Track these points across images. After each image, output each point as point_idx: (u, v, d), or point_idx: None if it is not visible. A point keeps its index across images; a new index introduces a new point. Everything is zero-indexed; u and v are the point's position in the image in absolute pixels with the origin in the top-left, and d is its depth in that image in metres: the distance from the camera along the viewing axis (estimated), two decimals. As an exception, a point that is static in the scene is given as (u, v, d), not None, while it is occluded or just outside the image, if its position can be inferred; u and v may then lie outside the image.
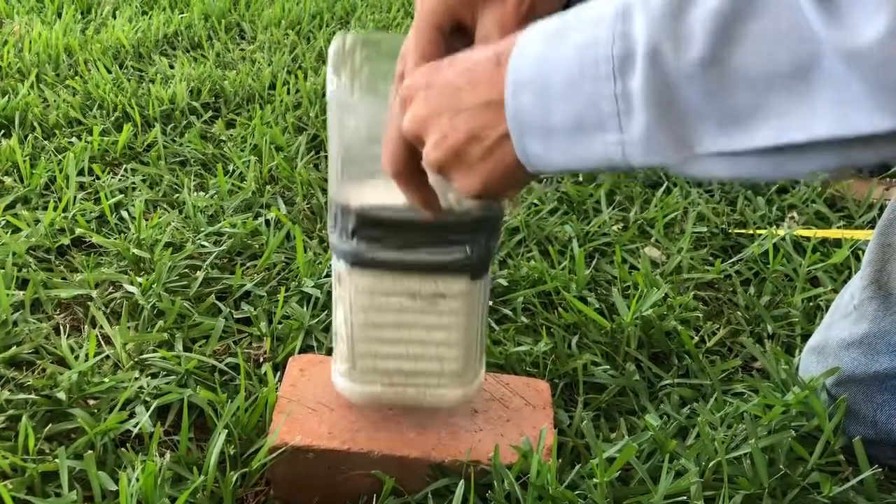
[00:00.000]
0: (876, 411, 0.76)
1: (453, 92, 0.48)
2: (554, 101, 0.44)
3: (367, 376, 0.68)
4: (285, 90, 1.47)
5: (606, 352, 0.89)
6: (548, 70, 0.44)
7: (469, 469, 0.68)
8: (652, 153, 0.42)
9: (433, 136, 0.50)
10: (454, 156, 0.49)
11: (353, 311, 0.66)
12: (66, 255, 0.98)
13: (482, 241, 0.63)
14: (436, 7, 0.56)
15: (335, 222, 0.63)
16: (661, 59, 0.40)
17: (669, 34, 0.40)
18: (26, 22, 1.69)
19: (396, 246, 0.62)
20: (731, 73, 0.39)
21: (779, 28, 0.38)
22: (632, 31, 0.41)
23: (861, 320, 0.77)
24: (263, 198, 1.13)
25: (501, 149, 0.47)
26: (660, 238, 1.13)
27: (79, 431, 0.72)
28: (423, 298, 0.65)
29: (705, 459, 0.72)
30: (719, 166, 0.42)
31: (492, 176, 0.49)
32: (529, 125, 0.46)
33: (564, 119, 0.44)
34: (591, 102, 0.43)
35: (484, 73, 0.47)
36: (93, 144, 1.22)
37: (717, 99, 0.40)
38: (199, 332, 0.86)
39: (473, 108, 0.47)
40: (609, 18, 0.42)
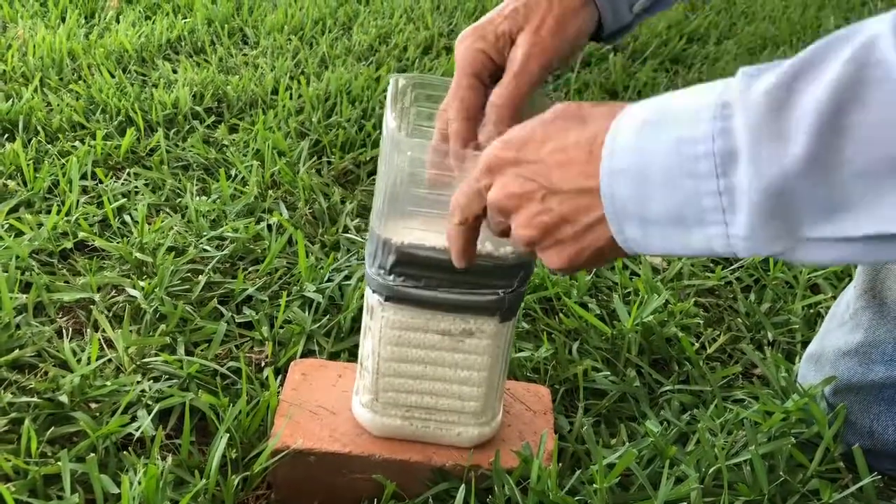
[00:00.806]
0: (872, 422, 0.76)
1: (547, 173, 0.49)
2: (652, 193, 0.44)
3: (389, 409, 0.69)
4: (288, 95, 1.47)
5: (607, 358, 0.89)
6: (645, 162, 0.44)
7: (470, 473, 0.68)
8: (757, 246, 0.42)
9: (524, 214, 0.50)
10: (546, 234, 0.50)
11: (382, 344, 0.67)
12: (69, 259, 0.99)
13: (514, 286, 0.65)
14: (472, 56, 0.58)
15: (375, 256, 0.65)
16: (764, 156, 0.40)
17: (772, 132, 0.40)
18: (30, 26, 1.70)
19: (431, 285, 0.64)
20: (836, 166, 0.39)
21: (883, 120, 0.38)
22: (732, 129, 0.41)
23: (856, 329, 0.77)
24: (265, 203, 1.13)
25: (596, 230, 0.48)
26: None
27: (81, 434, 0.72)
28: (452, 337, 0.66)
29: (705, 465, 0.72)
30: (825, 252, 0.42)
31: (581, 255, 0.49)
32: (627, 213, 0.46)
33: (663, 211, 0.44)
34: (691, 197, 0.43)
35: (578, 157, 0.47)
36: (96, 148, 1.22)
37: (825, 192, 0.40)
38: (200, 336, 0.86)
39: (568, 191, 0.48)
40: (708, 113, 0.42)
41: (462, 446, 0.70)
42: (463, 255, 0.58)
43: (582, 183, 0.47)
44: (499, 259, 0.63)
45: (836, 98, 0.39)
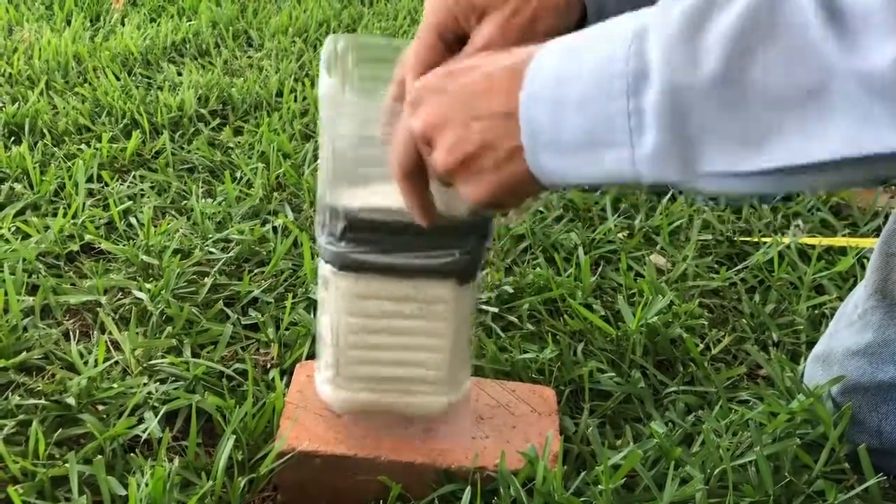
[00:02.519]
0: (881, 421, 0.76)
1: (468, 98, 0.48)
2: (567, 117, 0.44)
3: (352, 383, 0.67)
4: (292, 97, 1.48)
5: (612, 359, 0.89)
6: (562, 86, 0.44)
7: (475, 475, 0.68)
8: (662, 170, 0.43)
9: (444, 141, 0.50)
10: (464, 163, 0.49)
11: (339, 316, 0.65)
12: (76, 262, 0.99)
13: (470, 247, 0.63)
14: (438, 14, 0.56)
15: (323, 224, 0.63)
16: (675, 77, 0.41)
17: (684, 53, 0.40)
18: (36, 29, 1.71)
19: (384, 249, 0.62)
20: (744, 92, 0.39)
21: (792, 49, 0.38)
22: (646, 50, 0.42)
23: (865, 329, 0.77)
24: (271, 205, 1.14)
25: (514, 160, 0.47)
26: (665, 246, 1.13)
27: (88, 437, 0.72)
28: (410, 303, 0.64)
29: (710, 466, 0.72)
30: (729, 183, 0.42)
31: (501, 186, 0.49)
32: (543, 139, 0.46)
33: (577, 134, 0.44)
34: (603, 119, 0.43)
35: (500, 82, 0.47)
36: (102, 151, 1.22)
37: (729, 118, 0.40)
38: (207, 338, 0.86)
39: (488, 117, 0.47)
40: (625, 37, 0.43)
41: (430, 415, 0.68)
42: (419, 211, 0.57)
43: (503, 108, 0.47)
44: (451, 218, 0.60)
45: (749, 24, 0.39)
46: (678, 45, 0.41)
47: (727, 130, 0.41)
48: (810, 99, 0.38)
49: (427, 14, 0.57)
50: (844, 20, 0.37)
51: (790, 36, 0.38)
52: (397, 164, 0.55)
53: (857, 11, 0.37)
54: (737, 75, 0.39)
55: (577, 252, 1.07)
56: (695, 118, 0.41)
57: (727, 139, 0.41)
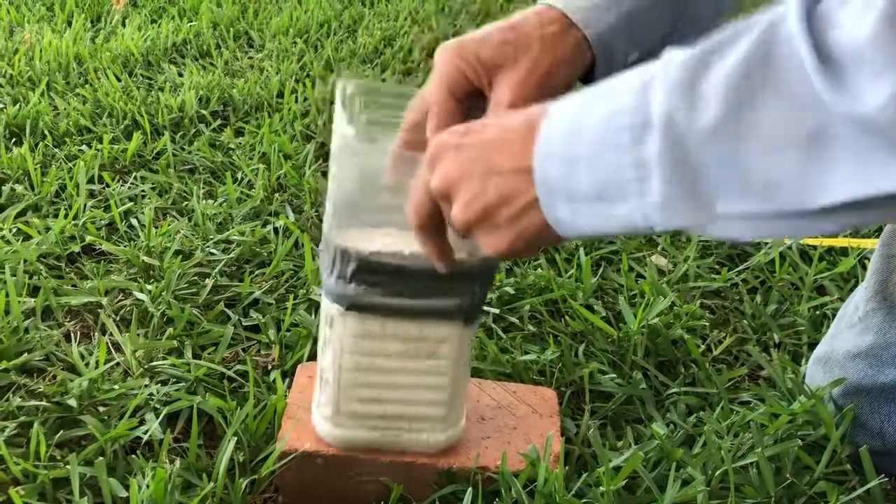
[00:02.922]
0: (883, 422, 0.76)
1: (485, 155, 0.49)
2: (579, 171, 0.45)
3: (351, 421, 0.68)
4: (293, 98, 1.48)
5: (613, 360, 0.89)
6: (573, 141, 0.45)
7: (476, 476, 0.68)
8: (672, 218, 0.43)
9: (462, 197, 0.51)
10: (483, 217, 0.50)
11: (344, 355, 0.66)
12: (77, 263, 0.99)
13: (477, 291, 0.65)
14: (451, 72, 0.57)
15: (332, 265, 0.64)
16: (675, 125, 0.41)
17: (684, 100, 0.41)
18: (37, 31, 1.71)
19: (392, 292, 0.63)
20: (744, 137, 0.40)
21: (788, 95, 0.39)
22: (650, 100, 0.42)
23: (866, 331, 0.77)
24: (272, 206, 1.14)
25: (531, 213, 0.48)
26: (666, 246, 1.13)
27: (89, 438, 0.72)
28: (415, 343, 0.65)
29: (712, 468, 0.72)
30: (740, 228, 0.43)
31: (519, 238, 0.50)
32: (556, 192, 0.47)
33: (589, 188, 0.45)
34: (613, 171, 0.44)
35: (516, 139, 0.48)
36: (103, 152, 1.22)
37: (731, 163, 0.41)
38: (208, 339, 0.86)
39: (505, 172, 0.49)
40: (631, 90, 0.43)
41: (428, 452, 0.69)
42: (438, 259, 0.58)
43: (518, 163, 0.48)
44: (461, 264, 0.62)
45: (746, 71, 0.39)
46: (678, 93, 0.41)
47: (732, 176, 0.41)
48: (809, 144, 0.39)
49: (439, 73, 0.58)
50: (836, 63, 0.37)
51: (785, 82, 0.39)
52: (415, 216, 0.56)
53: (846, 53, 0.37)
54: (735, 122, 0.40)
55: (578, 253, 1.07)
56: (698, 164, 0.41)
57: (732, 183, 0.41)
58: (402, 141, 0.60)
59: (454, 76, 0.57)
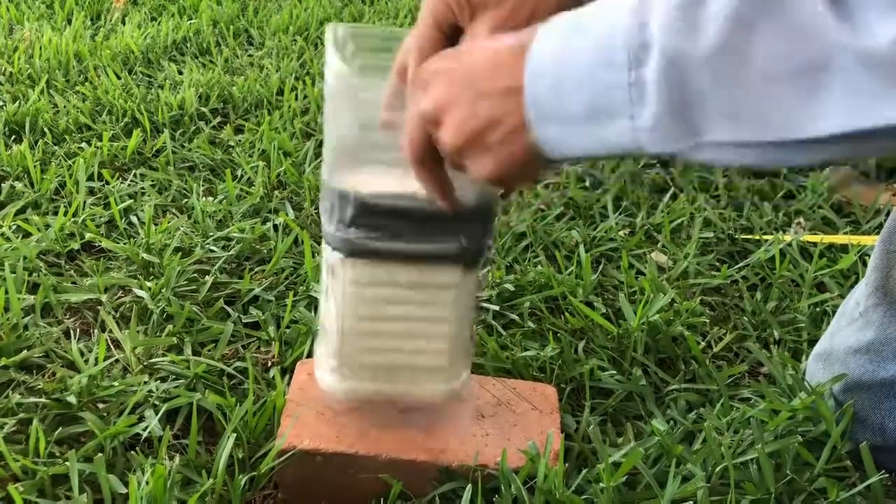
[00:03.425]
0: (884, 418, 0.76)
1: (473, 78, 0.49)
2: (570, 90, 0.45)
3: (355, 372, 0.68)
4: (293, 96, 1.48)
5: (613, 357, 0.89)
6: (565, 59, 0.45)
7: (476, 473, 0.68)
8: (662, 140, 0.43)
9: (452, 120, 0.50)
10: (472, 140, 0.50)
11: (346, 303, 0.65)
12: (76, 260, 0.99)
13: (477, 233, 0.64)
14: (438, 6, 0.57)
15: (331, 211, 0.63)
16: (675, 47, 0.41)
17: (686, 23, 0.41)
18: (36, 28, 1.71)
19: (393, 236, 0.62)
20: (744, 64, 0.40)
21: (793, 25, 0.39)
22: (648, 21, 0.42)
23: (867, 327, 0.77)
24: (271, 203, 1.13)
25: (519, 134, 0.48)
26: (666, 243, 1.13)
27: (89, 435, 0.72)
28: (416, 290, 0.65)
29: (712, 464, 0.72)
30: (727, 154, 0.43)
31: (509, 161, 0.50)
32: (546, 113, 0.46)
33: (579, 107, 0.45)
34: (605, 91, 0.44)
35: (505, 60, 0.48)
36: (102, 150, 1.22)
37: (728, 89, 0.41)
38: (207, 336, 0.86)
39: (493, 94, 0.48)
40: (627, 10, 0.43)
41: (432, 401, 0.69)
42: (439, 194, 0.57)
43: (508, 83, 0.48)
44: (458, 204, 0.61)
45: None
46: (679, 15, 0.41)
47: (727, 101, 0.41)
48: (809, 74, 0.39)
49: (427, 7, 0.58)
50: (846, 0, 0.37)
51: (791, 11, 0.39)
52: (410, 149, 0.55)
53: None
54: (737, 47, 0.40)
55: (578, 250, 1.07)
56: (694, 88, 0.41)
57: (726, 110, 0.41)
58: (393, 83, 0.60)
59: (441, 9, 0.57)
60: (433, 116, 0.52)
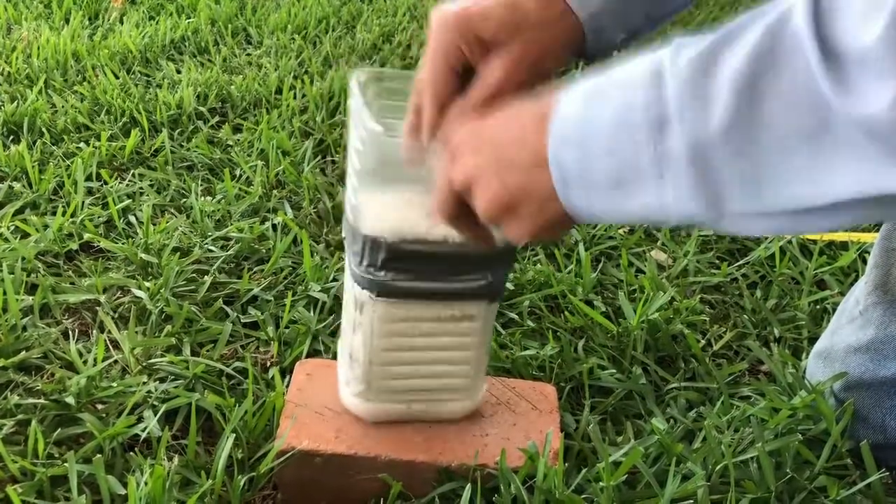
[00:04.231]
0: (885, 416, 0.76)
1: (500, 150, 0.51)
2: (594, 162, 0.46)
3: (382, 396, 0.70)
4: (292, 95, 1.47)
5: (613, 355, 0.89)
6: (587, 134, 0.46)
7: (476, 473, 0.68)
8: (687, 212, 0.44)
9: (483, 194, 0.52)
10: (505, 210, 0.51)
11: (374, 337, 0.67)
12: (75, 260, 0.99)
13: (501, 270, 0.67)
14: (449, 46, 0.57)
15: (361, 255, 0.65)
16: (691, 126, 0.42)
17: (695, 100, 0.41)
18: (34, 28, 1.70)
19: (423, 276, 0.65)
20: (756, 135, 0.40)
21: (794, 91, 0.39)
22: (663, 98, 0.43)
23: (867, 325, 0.77)
24: (270, 202, 1.13)
25: (549, 203, 0.49)
26: (666, 241, 1.13)
27: (87, 436, 0.72)
28: (443, 322, 0.67)
29: (712, 463, 0.72)
30: (754, 224, 0.43)
31: (541, 226, 0.51)
32: (572, 182, 0.47)
33: (605, 176, 0.46)
34: (629, 164, 0.45)
35: (529, 133, 0.49)
36: (101, 150, 1.22)
37: (743, 160, 0.41)
38: (206, 336, 0.86)
39: (521, 167, 0.49)
40: (643, 81, 0.44)
41: (453, 418, 0.72)
42: (477, 242, 0.59)
43: (533, 157, 0.49)
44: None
45: (753, 67, 0.40)
46: (690, 90, 0.42)
47: (745, 174, 0.42)
48: (813, 142, 0.39)
49: (434, 41, 0.58)
50: (841, 63, 0.37)
51: (791, 79, 0.39)
52: (441, 211, 0.57)
53: (852, 54, 0.37)
54: (748, 119, 0.40)
55: (577, 248, 1.07)
56: (714, 161, 0.42)
57: (746, 182, 0.42)
58: (409, 124, 0.60)
59: (453, 50, 0.57)
60: (465, 187, 0.53)
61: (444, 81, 0.57)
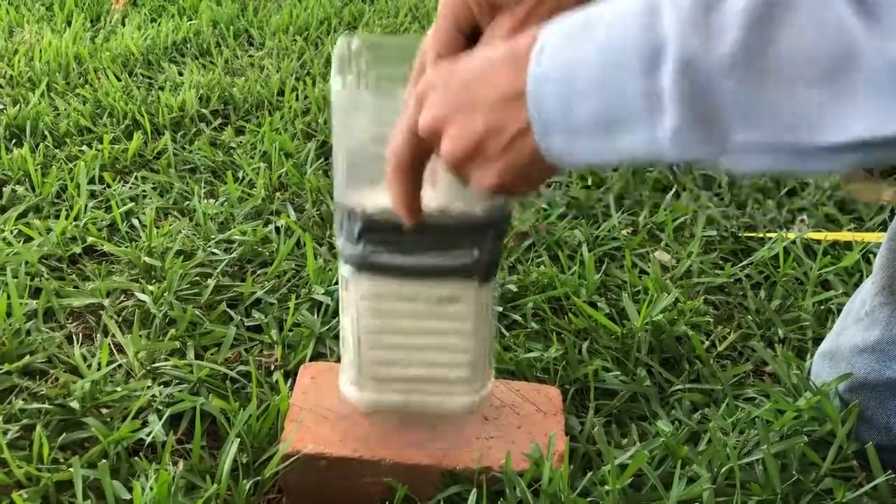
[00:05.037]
0: (889, 417, 0.76)
1: (471, 87, 0.48)
2: (578, 98, 0.43)
3: (375, 384, 0.68)
4: (294, 96, 1.47)
5: (617, 357, 0.89)
6: (572, 66, 0.43)
7: (481, 476, 0.68)
8: (684, 148, 0.42)
9: (451, 132, 0.49)
10: (472, 149, 0.49)
11: (360, 317, 0.65)
12: (78, 264, 0.99)
13: (489, 245, 0.63)
14: (456, 7, 0.56)
15: (342, 226, 0.63)
16: (691, 54, 0.39)
17: (700, 28, 0.39)
18: (36, 31, 1.70)
19: (403, 250, 0.62)
20: (765, 68, 0.38)
21: (816, 24, 0.37)
22: (661, 27, 0.40)
23: (873, 326, 0.76)
24: (273, 205, 1.13)
25: (521, 142, 0.47)
26: (669, 242, 1.13)
27: (92, 440, 0.72)
28: (431, 303, 0.64)
29: (717, 465, 0.72)
30: (753, 160, 0.41)
31: (510, 169, 0.48)
32: (553, 121, 0.45)
33: (589, 116, 0.43)
34: (618, 100, 0.42)
35: (503, 67, 0.47)
36: (103, 153, 1.22)
37: (750, 94, 0.39)
38: (210, 339, 0.86)
39: (492, 102, 0.47)
40: (636, 14, 0.41)
41: (454, 413, 0.69)
42: (404, 208, 0.56)
43: (508, 89, 0.46)
44: (468, 216, 0.61)
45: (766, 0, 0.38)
46: (693, 19, 0.39)
47: (749, 106, 0.39)
48: (835, 77, 0.37)
49: (445, 7, 0.56)
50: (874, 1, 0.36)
51: (814, 10, 0.37)
52: (393, 156, 0.54)
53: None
54: (756, 50, 0.38)
55: (581, 249, 1.07)
56: (715, 95, 0.39)
57: (750, 115, 0.39)
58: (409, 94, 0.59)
59: (461, 10, 0.56)
60: (431, 130, 0.51)
61: (449, 41, 0.55)
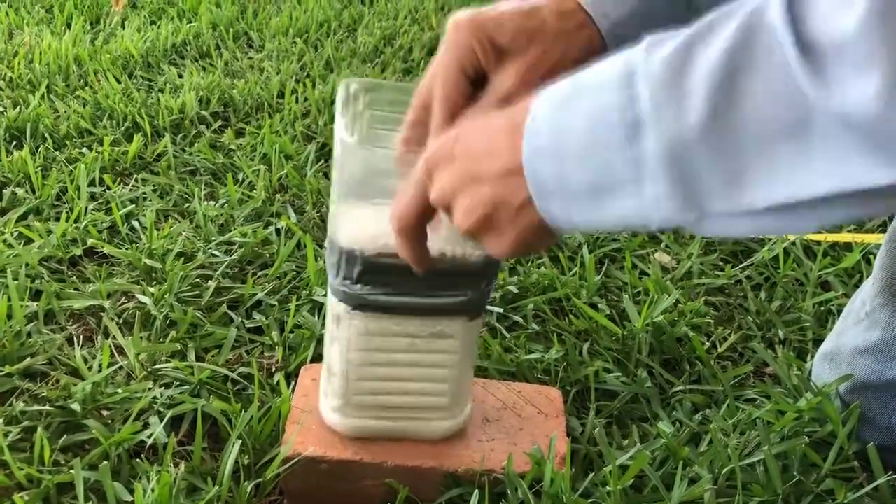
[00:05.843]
0: (891, 418, 0.76)
1: (476, 160, 0.50)
2: (569, 169, 0.45)
3: (360, 411, 0.69)
4: (294, 99, 1.47)
5: (618, 358, 0.89)
6: (561, 139, 0.45)
7: (482, 478, 0.68)
8: (668, 215, 0.43)
9: (460, 206, 0.51)
10: (482, 224, 0.51)
11: (351, 351, 0.66)
12: (79, 266, 0.99)
13: (482, 286, 0.65)
14: (464, 51, 0.57)
15: (338, 266, 0.64)
16: (666, 126, 0.41)
17: (670, 98, 0.40)
18: (36, 33, 1.70)
19: (399, 291, 0.63)
20: (732, 132, 0.39)
21: (772, 86, 0.38)
22: (636, 99, 0.42)
23: (874, 327, 0.76)
24: (273, 207, 1.13)
25: (527, 212, 0.48)
26: (670, 243, 1.13)
27: (93, 442, 0.72)
28: (421, 338, 0.66)
29: (718, 466, 0.72)
30: (738, 225, 0.42)
31: (520, 237, 0.50)
32: (549, 190, 0.46)
33: (581, 184, 0.45)
34: (605, 170, 0.44)
35: (502, 138, 0.48)
36: (103, 155, 1.22)
37: (722, 159, 0.40)
38: (211, 341, 0.86)
39: (495, 176, 0.48)
40: (614, 83, 0.43)
41: (433, 439, 0.70)
42: (415, 262, 0.58)
43: (507, 165, 0.48)
44: (466, 261, 0.62)
45: (728, 64, 0.39)
46: (665, 88, 0.41)
47: (723, 172, 0.41)
48: (793, 137, 0.38)
49: (448, 45, 0.57)
50: (818, 56, 0.36)
51: (767, 75, 0.38)
52: (396, 216, 0.55)
53: (829, 46, 0.36)
54: (722, 117, 0.39)
55: (581, 251, 1.07)
56: (691, 162, 0.41)
57: (725, 180, 0.41)
58: (403, 139, 0.59)
59: (467, 54, 0.56)
60: (443, 203, 0.52)
61: (455, 86, 0.56)
